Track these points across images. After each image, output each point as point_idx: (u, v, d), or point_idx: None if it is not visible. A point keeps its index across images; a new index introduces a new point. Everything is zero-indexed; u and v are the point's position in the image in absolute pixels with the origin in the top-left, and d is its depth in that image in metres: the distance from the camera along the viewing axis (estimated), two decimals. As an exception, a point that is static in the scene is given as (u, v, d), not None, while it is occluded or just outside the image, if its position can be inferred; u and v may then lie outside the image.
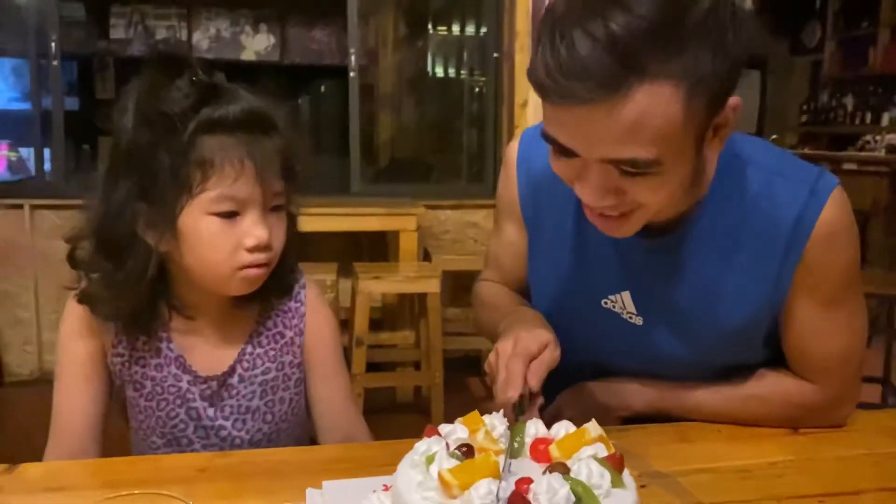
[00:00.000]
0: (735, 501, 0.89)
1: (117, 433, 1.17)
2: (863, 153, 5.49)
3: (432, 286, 3.07)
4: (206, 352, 1.12)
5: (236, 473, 0.95)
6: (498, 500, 0.65)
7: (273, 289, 1.12)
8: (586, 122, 0.82)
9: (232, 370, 1.12)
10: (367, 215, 3.47)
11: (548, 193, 1.15)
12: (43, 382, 3.52)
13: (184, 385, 1.11)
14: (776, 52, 7.16)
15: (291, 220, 1.10)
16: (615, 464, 0.71)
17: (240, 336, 1.14)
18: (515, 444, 0.77)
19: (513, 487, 0.67)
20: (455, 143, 5.20)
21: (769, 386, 1.09)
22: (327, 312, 1.21)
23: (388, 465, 0.78)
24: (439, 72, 5.67)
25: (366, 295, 3.04)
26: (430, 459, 0.71)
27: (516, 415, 0.88)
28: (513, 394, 0.91)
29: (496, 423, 0.78)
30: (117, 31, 5.49)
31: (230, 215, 0.99)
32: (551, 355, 0.96)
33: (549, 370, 0.95)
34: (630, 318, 1.10)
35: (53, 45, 3.86)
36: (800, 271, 1.00)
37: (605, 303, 1.11)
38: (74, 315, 1.10)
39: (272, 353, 1.15)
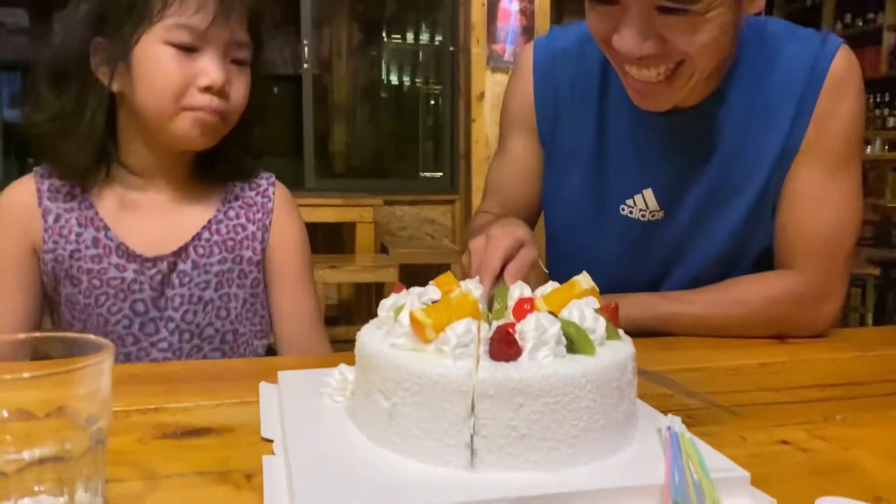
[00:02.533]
0: (729, 391, 0.81)
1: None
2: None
3: (390, 276, 2.99)
4: (153, 232, 1.04)
5: (178, 377, 0.85)
6: (479, 341, 0.57)
7: (232, 167, 1.07)
8: None
9: (185, 253, 1.04)
10: (322, 206, 3.37)
11: (567, 100, 1.11)
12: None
13: (129, 275, 1.02)
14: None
15: (260, 88, 1.05)
16: (610, 315, 0.64)
17: (197, 219, 1.06)
18: (498, 306, 0.68)
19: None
20: (411, 149, 5.15)
21: (747, 285, 1.04)
22: (297, 217, 1.14)
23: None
24: (394, 79, 5.63)
25: (321, 285, 2.94)
26: (398, 310, 0.62)
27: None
28: (485, 285, 0.82)
29: (472, 286, 0.69)
30: (61, 40, 5.31)
31: (188, 50, 0.95)
32: (528, 255, 0.87)
33: (526, 271, 0.87)
34: (652, 216, 1.06)
35: (-7, 52, 3.70)
36: (813, 122, 0.98)
37: (623, 209, 1.08)
38: (1, 210, 1.03)
39: (230, 243, 1.07)
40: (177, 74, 0.95)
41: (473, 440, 0.53)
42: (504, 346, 0.55)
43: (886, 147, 5.83)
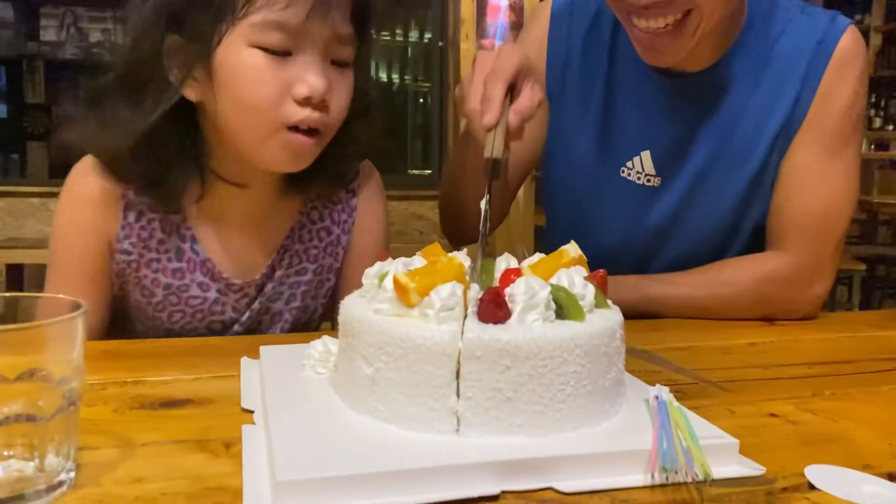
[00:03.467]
0: (718, 368, 0.81)
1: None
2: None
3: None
4: (241, 247, 0.93)
5: (158, 352, 0.83)
6: (466, 306, 0.56)
7: (328, 170, 0.90)
8: None
9: (271, 272, 0.93)
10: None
11: (579, 55, 1.10)
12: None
13: (211, 295, 0.92)
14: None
15: (361, 94, 0.88)
16: (599, 282, 0.62)
17: (280, 229, 0.94)
18: (485, 277, 0.67)
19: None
20: (400, 145, 5.13)
21: (736, 266, 1.04)
22: (381, 213, 1.00)
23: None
24: (383, 76, 5.62)
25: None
26: (382, 277, 0.61)
27: (489, 175, 0.74)
28: (489, 119, 0.76)
29: (460, 256, 0.68)
30: (48, 34, 5.28)
31: (280, 54, 0.79)
32: (534, 95, 0.81)
33: (532, 114, 0.81)
34: (648, 181, 1.06)
35: (-22, 47, 3.65)
36: (817, 99, 0.99)
37: (623, 171, 1.07)
38: (77, 191, 0.88)
39: (314, 252, 0.96)
40: (269, 85, 0.79)
41: (459, 403, 0.52)
42: (493, 308, 0.53)
43: (873, 147, 5.87)
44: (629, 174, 1.07)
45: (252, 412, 0.62)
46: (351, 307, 0.60)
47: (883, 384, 0.76)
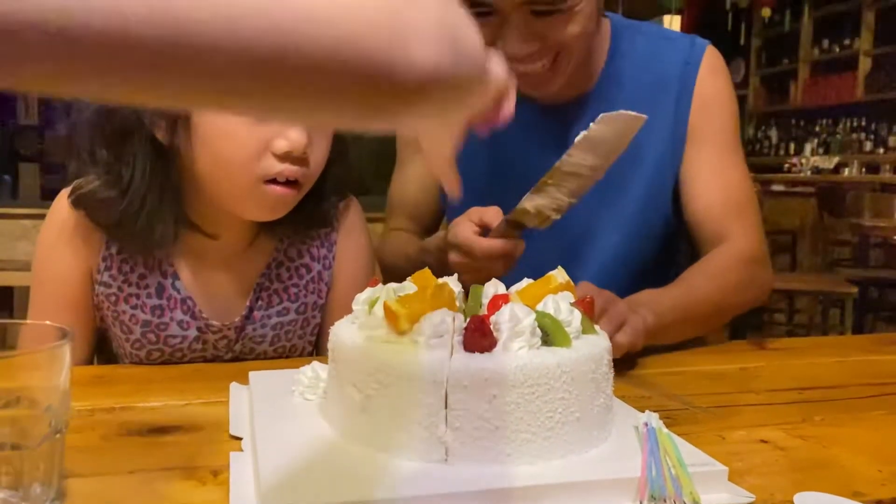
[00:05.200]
0: (709, 393, 0.81)
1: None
2: (790, 174, 5.69)
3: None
4: (221, 286, 0.91)
5: (146, 378, 0.82)
6: (454, 332, 0.56)
7: (305, 214, 0.90)
8: None
9: (250, 313, 0.92)
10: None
11: None
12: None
13: (191, 334, 0.90)
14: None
15: (339, 141, 0.89)
16: (586, 309, 0.63)
17: (256, 267, 0.93)
18: (472, 303, 0.67)
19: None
20: (391, 167, 5.14)
21: (713, 260, 1.04)
22: (364, 244, 0.99)
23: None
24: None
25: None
26: (372, 303, 0.61)
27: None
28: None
29: (451, 283, 0.68)
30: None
31: None
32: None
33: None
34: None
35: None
36: (694, 107, 1.07)
37: None
38: (59, 218, 0.87)
39: (293, 290, 0.94)
40: (248, 141, 0.78)
41: (446, 432, 0.52)
42: (478, 337, 0.53)
43: (864, 170, 5.92)
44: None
45: (241, 438, 0.61)
46: (341, 333, 0.60)
47: (873, 409, 0.76)
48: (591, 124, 0.77)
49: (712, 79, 1.10)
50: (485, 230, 0.89)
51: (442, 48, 0.32)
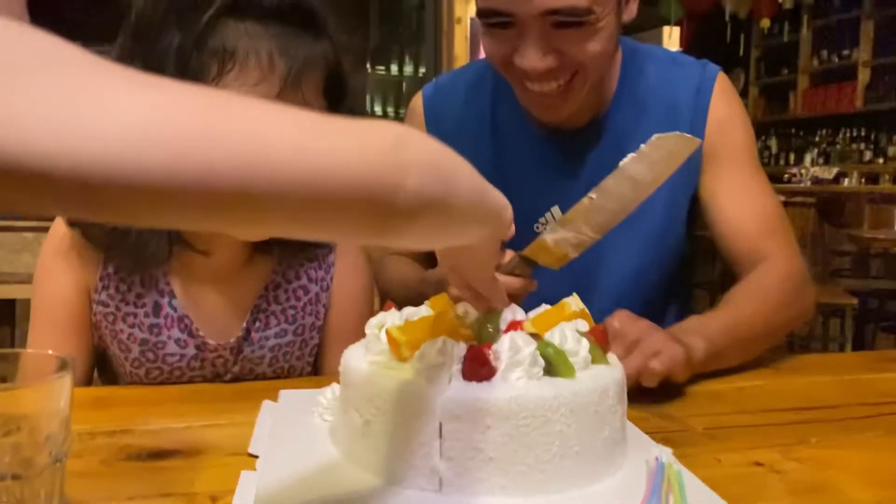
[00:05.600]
0: (706, 414, 0.81)
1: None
2: (790, 185, 5.70)
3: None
4: (213, 312, 0.92)
5: (146, 399, 0.83)
6: (453, 360, 0.56)
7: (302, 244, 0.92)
8: None
9: (247, 334, 0.93)
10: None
11: (459, 139, 1.12)
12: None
13: (189, 352, 0.91)
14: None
15: None
16: (598, 337, 0.62)
17: (253, 289, 0.93)
18: (489, 330, 0.67)
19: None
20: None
21: (754, 280, 1.02)
22: (362, 264, 0.99)
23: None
24: (378, 109, 5.68)
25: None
26: (381, 328, 0.62)
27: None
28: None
29: (469, 308, 0.68)
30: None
31: None
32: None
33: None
34: None
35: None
36: (710, 130, 1.06)
37: (538, 227, 1.09)
38: (57, 236, 0.89)
39: (291, 312, 0.94)
40: None
41: (440, 462, 0.52)
42: (476, 366, 0.54)
43: (863, 180, 5.92)
44: (543, 228, 1.10)
45: (243, 461, 0.62)
46: (350, 357, 0.61)
47: (868, 430, 0.76)
48: (642, 146, 0.73)
49: (726, 102, 1.09)
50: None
51: (431, 180, 0.39)
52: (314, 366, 1.00)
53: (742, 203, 1.07)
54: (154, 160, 0.30)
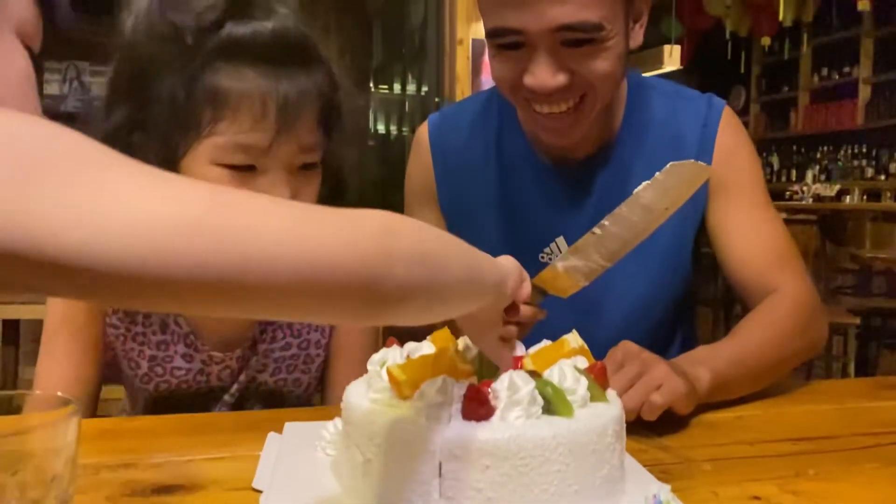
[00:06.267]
0: (704, 445, 0.82)
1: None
2: (792, 202, 5.71)
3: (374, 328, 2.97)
4: (218, 326, 0.94)
5: (150, 432, 0.84)
6: (453, 399, 0.57)
7: None
8: None
9: (254, 345, 0.95)
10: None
11: (466, 169, 1.15)
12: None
13: (196, 366, 0.94)
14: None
15: (335, 180, 0.89)
16: (597, 375, 0.63)
17: None
18: (490, 366, 0.67)
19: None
20: (397, 196, 5.17)
21: (763, 311, 1.02)
22: None
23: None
24: (381, 128, 5.71)
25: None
26: (383, 364, 0.62)
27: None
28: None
29: (469, 343, 0.69)
30: (51, 87, 5.37)
31: (245, 168, 0.79)
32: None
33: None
34: None
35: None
36: (717, 161, 1.06)
37: (543, 257, 1.09)
38: None
39: (297, 326, 0.96)
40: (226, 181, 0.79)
41: (440, 501, 0.53)
42: (475, 406, 0.55)
43: (865, 197, 5.93)
44: (550, 258, 1.10)
45: (245, 495, 0.63)
46: (351, 394, 0.61)
47: (866, 462, 0.77)
48: (657, 174, 0.73)
49: (732, 133, 1.10)
50: None
51: (417, 269, 0.42)
52: (321, 380, 1.02)
53: (750, 234, 1.08)
54: (159, 258, 0.34)
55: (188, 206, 0.35)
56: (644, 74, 1.21)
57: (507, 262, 0.62)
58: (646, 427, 0.84)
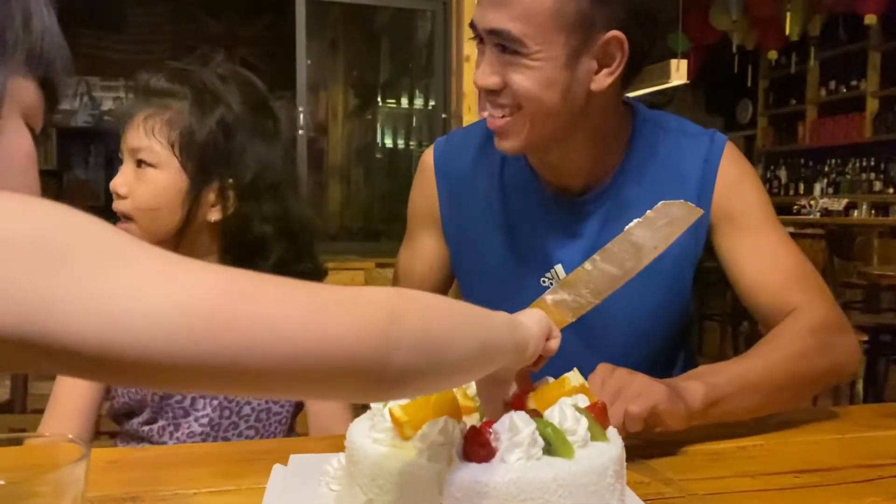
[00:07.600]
0: (706, 478, 0.82)
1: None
2: (800, 216, 5.70)
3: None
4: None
5: (157, 463, 0.85)
6: (454, 441, 0.58)
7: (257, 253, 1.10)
8: None
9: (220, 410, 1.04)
10: (314, 270, 3.38)
11: (470, 192, 1.17)
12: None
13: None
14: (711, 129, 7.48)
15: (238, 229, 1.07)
16: (597, 414, 0.64)
17: None
18: None
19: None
20: (404, 211, 5.19)
21: (779, 333, 1.01)
22: None
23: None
24: (388, 142, 5.74)
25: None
26: (386, 405, 0.63)
27: None
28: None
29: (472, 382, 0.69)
30: (62, 102, 5.41)
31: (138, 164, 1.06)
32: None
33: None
34: None
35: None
36: (719, 194, 1.07)
37: (544, 281, 1.11)
38: None
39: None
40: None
41: (442, 543, 0.54)
42: (476, 447, 0.55)
43: (873, 211, 5.92)
44: (550, 283, 1.12)
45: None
46: (354, 433, 0.62)
47: (867, 496, 0.77)
48: (648, 212, 0.74)
49: (734, 166, 1.10)
50: None
51: (418, 355, 0.44)
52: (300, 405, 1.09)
53: (761, 259, 1.07)
54: (172, 345, 0.36)
55: (203, 292, 0.37)
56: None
57: (533, 324, 0.63)
58: (647, 453, 0.85)
